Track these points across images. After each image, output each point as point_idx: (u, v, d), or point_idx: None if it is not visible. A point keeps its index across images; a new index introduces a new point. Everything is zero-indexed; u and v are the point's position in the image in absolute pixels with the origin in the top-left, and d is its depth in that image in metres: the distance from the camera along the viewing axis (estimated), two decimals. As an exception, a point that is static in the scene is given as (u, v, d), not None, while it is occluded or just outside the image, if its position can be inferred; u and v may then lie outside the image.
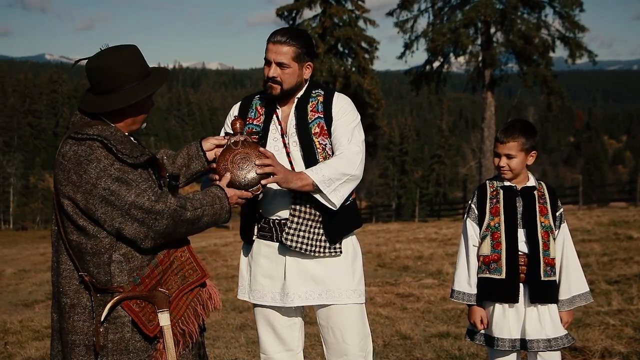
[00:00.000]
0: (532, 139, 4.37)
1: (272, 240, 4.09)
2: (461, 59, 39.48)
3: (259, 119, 4.11)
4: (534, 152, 4.41)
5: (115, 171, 3.09)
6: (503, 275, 4.27)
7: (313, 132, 4.01)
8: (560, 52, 41.75)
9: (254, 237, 4.16)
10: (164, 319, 3.25)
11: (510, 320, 4.30)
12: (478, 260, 4.36)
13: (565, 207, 32.77)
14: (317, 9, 43.55)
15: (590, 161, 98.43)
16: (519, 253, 4.28)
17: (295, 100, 4.09)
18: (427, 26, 38.75)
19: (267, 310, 4.18)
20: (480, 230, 4.37)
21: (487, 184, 4.47)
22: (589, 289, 4.43)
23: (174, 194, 3.54)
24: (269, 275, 4.12)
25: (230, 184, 3.55)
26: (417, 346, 7.35)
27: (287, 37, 3.96)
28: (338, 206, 3.92)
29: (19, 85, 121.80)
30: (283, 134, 4.05)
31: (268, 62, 3.97)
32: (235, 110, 4.23)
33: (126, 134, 3.34)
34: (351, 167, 3.92)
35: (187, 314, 3.33)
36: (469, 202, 4.50)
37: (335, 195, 3.88)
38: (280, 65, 3.94)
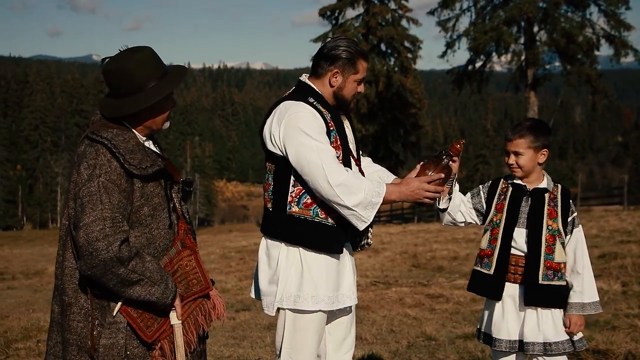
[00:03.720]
0: (542, 137, 4.33)
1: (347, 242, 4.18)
2: (504, 58, 39.15)
3: (331, 125, 4.07)
4: (545, 150, 4.37)
5: (107, 182, 3.08)
6: (491, 272, 4.31)
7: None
8: (605, 50, 41.20)
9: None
10: (174, 317, 3.28)
11: (509, 321, 4.29)
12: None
13: (611, 208, 32.45)
14: (360, 9, 43.55)
15: (639, 161, 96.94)
16: (520, 254, 4.28)
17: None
18: (469, 25, 38.49)
19: (324, 315, 4.09)
20: (475, 212, 4.49)
21: (501, 181, 4.49)
22: (598, 299, 4.36)
23: (186, 199, 3.58)
24: (353, 274, 4.18)
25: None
26: (441, 347, 7.34)
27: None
28: None
29: (66, 85, 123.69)
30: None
31: (362, 81, 4.14)
32: (317, 118, 3.98)
33: (143, 138, 3.36)
34: None
35: (187, 323, 3.34)
36: (480, 185, 4.54)
37: None
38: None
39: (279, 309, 4.05)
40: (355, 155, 4.18)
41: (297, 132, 3.86)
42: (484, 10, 38.38)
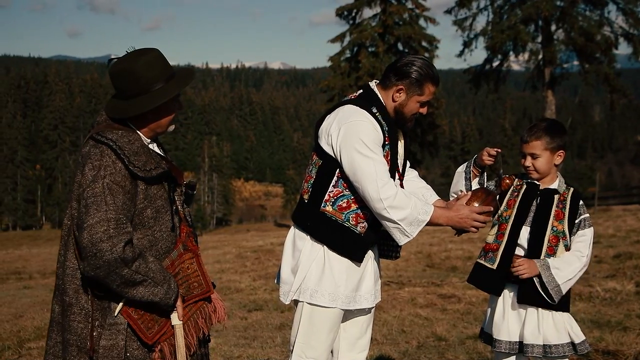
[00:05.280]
0: (558, 138, 4.32)
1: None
2: (521, 57, 38.95)
3: (387, 139, 4.13)
4: (562, 151, 4.36)
5: (112, 183, 3.09)
6: (494, 266, 4.32)
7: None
8: (623, 49, 40.92)
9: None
10: (175, 318, 3.29)
11: (509, 322, 4.29)
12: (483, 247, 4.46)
13: (630, 207, 32.26)
14: (377, 8, 43.42)
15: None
16: (523, 254, 4.27)
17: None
18: (486, 24, 38.33)
19: (341, 313, 4.15)
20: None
21: (516, 178, 4.49)
22: (560, 285, 4.18)
23: (189, 202, 3.59)
24: (374, 278, 4.23)
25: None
26: (451, 348, 7.33)
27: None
28: None
29: (85, 85, 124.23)
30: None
31: (425, 104, 4.20)
32: (377, 130, 4.03)
33: (148, 140, 3.37)
34: None
35: (188, 325, 3.35)
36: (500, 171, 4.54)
37: None
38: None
39: (297, 301, 4.12)
40: (400, 170, 4.25)
41: (356, 140, 3.92)
42: (501, 9, 38.18)
